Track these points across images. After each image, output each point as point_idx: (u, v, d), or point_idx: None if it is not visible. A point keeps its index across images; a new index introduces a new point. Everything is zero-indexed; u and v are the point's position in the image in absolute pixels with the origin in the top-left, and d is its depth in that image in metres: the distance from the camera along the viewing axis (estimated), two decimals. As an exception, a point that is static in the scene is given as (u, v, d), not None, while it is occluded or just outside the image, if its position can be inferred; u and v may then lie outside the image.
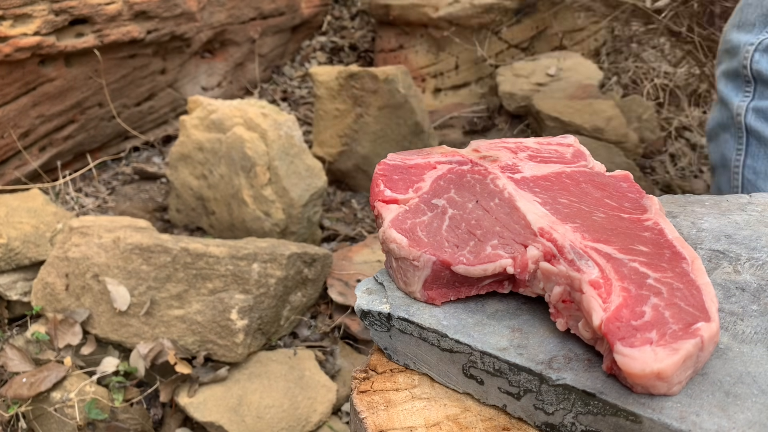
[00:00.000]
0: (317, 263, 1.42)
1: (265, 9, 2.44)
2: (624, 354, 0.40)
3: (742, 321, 0.48)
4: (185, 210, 1.74)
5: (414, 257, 0.51)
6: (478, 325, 0.50)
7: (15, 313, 1.43)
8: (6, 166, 1.72)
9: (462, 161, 0.61)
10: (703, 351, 0.41)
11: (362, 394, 0.50)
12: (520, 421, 0.47)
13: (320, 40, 2.83)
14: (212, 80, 2.32)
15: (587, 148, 0.64)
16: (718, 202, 0.65)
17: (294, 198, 1.56)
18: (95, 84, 1.84)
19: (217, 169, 1.63)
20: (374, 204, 0.57)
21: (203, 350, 1.28)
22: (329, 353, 1.40)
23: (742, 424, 0.40)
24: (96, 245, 1.35)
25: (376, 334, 0.54)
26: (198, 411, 1.22)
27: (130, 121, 2.03)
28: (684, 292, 0.44)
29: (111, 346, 1.34)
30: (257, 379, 1.28)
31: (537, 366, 0.45)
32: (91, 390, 1.25)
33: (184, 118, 1.69)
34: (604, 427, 0.43)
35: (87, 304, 1.33)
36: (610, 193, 0.56)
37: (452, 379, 0.50)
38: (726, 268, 0.54)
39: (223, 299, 1.28)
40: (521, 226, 0.52)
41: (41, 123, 1.75)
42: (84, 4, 1.69)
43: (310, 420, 1.24)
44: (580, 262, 0.46)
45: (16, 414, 1.22)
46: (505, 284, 0.52)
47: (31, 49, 1.58)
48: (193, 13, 2.04)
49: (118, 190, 1.92)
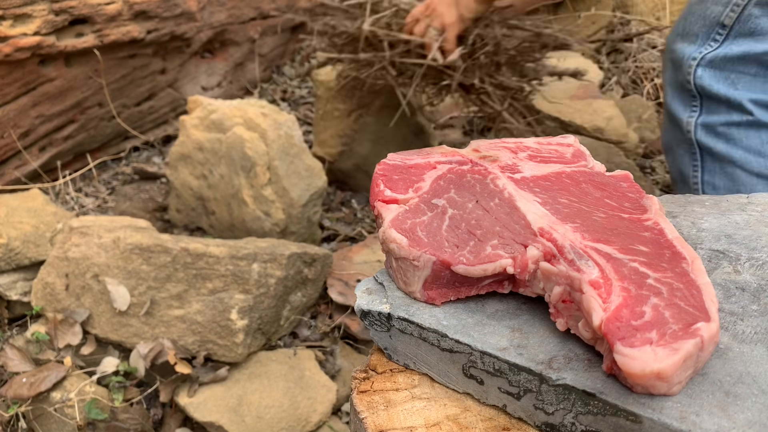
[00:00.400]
0: (317, 263, 1.42)
1: (265, 9, 2.44)
2: (624, 354, 0.40)
3: (742, 321, 0.48)
4: (185, 210, 1.74)
5: (414, 257, 0.51)
6: (478, 325, 0.50)
7: (15, 313, 1.43)
8: (6, 166, 1.72)
9: (462, 161, 0.61)
10: (703, 351, 0.41)
11: (362, 394, 0.50)
12: (520, 421, 0.47)
13: (320, 40, 2.83)
14: (212, 80, 2.32)
15: (587, 148, 0.64)
16: (718, 202, 0.65)
17: (294, 198, 1.56)
18: (95, 84, 1.84)
19: (217, 169, 1.63)
20: (374, 204, 0.57)
21: (203, 350, 1.28)
22: (329, 353, 1.40)
23: (742, 424, 0.40)
24: (96, 245, 1.35)
25: (376, 334, 0.54)
26: (198, 411, 1.22)
27: (130, 121, 2.03)
28: (684, 292, 0.44)
29: (111, 346, 1.34)
30: (257, 379, 1.28)
31: (537, 366, 0.45)
32: (91, 390, 1.25)
33: (184, 118, 1.69)
34: (604, 427, 0.43)
35: (87, 304, 1.33)
36: (610, 193, 0.56)
37: (452, 379, 0.50)
38: (726, 268, 0.54)
39: (223, 299, 1.28)
40: (521, 226, 0.52)
41: (41, 123, 1.75)
42: (84, 4, 1.69)
43: (310, 420, 1.24)
44: (580, 262, 0.46)
45: (16, 414, 1.22)
46: (505, 284, 0.52)
47: (31, 49, 1.58)
48: (193, 13, 2.04)
49: (118, 190, 1.92)
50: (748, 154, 1.02)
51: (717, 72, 1.01)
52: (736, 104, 1.01)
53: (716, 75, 1.01)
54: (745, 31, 0.98)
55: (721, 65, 1.01)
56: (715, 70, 1.01)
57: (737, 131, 1.02)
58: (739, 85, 1.01)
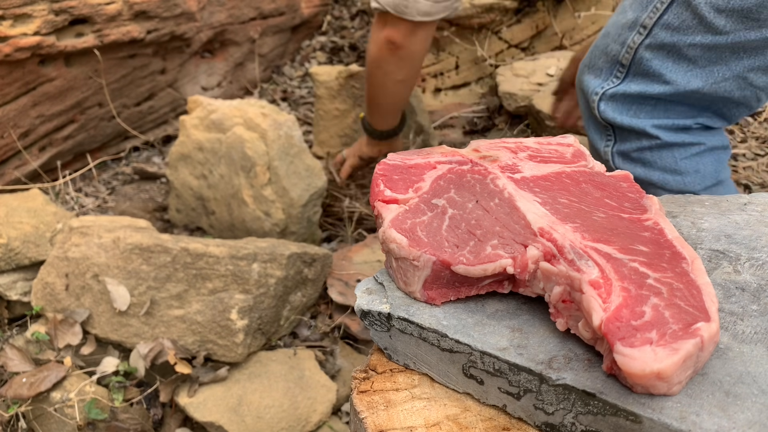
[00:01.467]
0: (317, 263, 1.42)
1: (265, 9, 2.44)
2: (624, 354, 0.40)
3: (742, 321, 0.48)
4: (185, 210, 1.74)
5: (414, 257, 0.51)
6: (478, 325, 0.50)
7: (15, 313, 1.43)
8: (6, 166, 1.72)
9: (462, 161, 0.61)
10: (703, 351, 0.41)
11: (362, 394, 0.50)
12: (520, 421, 0.47)
13: (320, 40, 2.83)
14: (212, 80, 2.32)
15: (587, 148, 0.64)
16: (717, 202, 0.65)
17: (294, 198, 1.56)
18: (95, 84, 1.84)
19: (217, 169, 1.63)
20: (374, 204, 0.57)
21: (203, 350, 1.28)
22: (329, 353, 1.40)
23: (742, 424, 0.40)
24: (96, 245, 1.35)
25: (376, 334, 0.54)
26: (198, 411, 1.22)
27: (130, 121, 2.03)
28: (684, 292, 0.44)
29: (111, 346, 1.34)
30: (257, 379, 1.28)
31: (537, 366, 0.45)
32: (91, 390, 1.25)
33: (184, 118, 1.69)
34: (604, 427, 0.43)
35: (87, 304, 1.33)
36: (610, 193, 0.56)
37: (452, 379, 0.50)
38: (726, 268, 0.54)
39: (223, 299, 1.28)
40: (521, 226, 0.52)
41: (41, 123, 1.75)
42: (84, 4, 1.69)
43: (310, 420, 1.24)
44: (580, 262, 0.46)
45: (16, 414, 1.22)
46: (505, 284, 0.52)
47: (31, 49, 1.58)
48: (193, 13, 2.04)
49: (118, 190, 1.92)
50: (665, 174, 1.06)
51: (619, 105, 1.05)
52: (641, 132, 1.04)
53: (618, 107, 1.05)
54: (641, 71, 1.02)
55: (621, 100, 1.04)
56: (616, 104, 1.05)
57: (650, 154, 1.06)
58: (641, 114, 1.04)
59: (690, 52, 0.96)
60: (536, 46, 2.51)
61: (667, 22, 0.96)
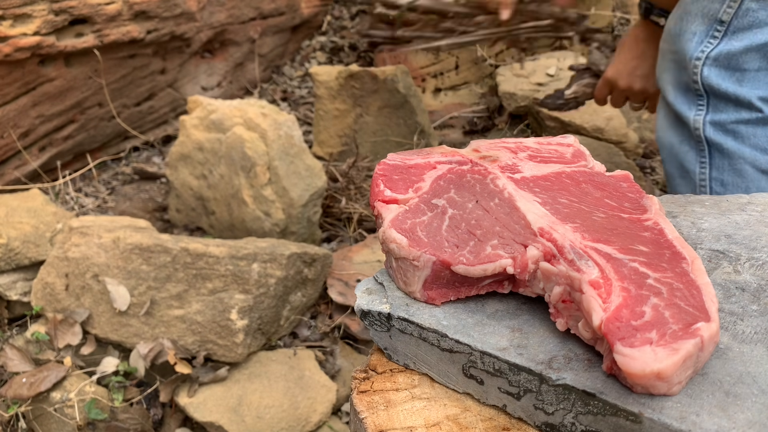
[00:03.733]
0: (317, 263, 1.42)
1: (265, 9, 2.44)
2: (624, 354, 0.40)
3: (742, 321, 0.48)
4: (185, 210, 1.74)
5: (414, 257, 0.51)
6: (478, 325, 0.50)
7: (15, 313, 1.43)
8: (6, 166, 1.72)
9: (462, 161, 0.61)
10: (703, 351, 0.41)
11: (362, 394, 0.50)
12: (520, 421, 0.47)
13: (320, 40, 2.83)
14: (212, 80, 2.32)
15: (587, 148, 0.64)
16: (718, 202, 0.65)
17: (294, 198, 1.56)
18: (95, 84, 1.84)
19: (217, 169, 1.63)
20: (374, 204, 0.57)
21: (203, 350, 1.28)
22: (329, 353, 1.40)
23: (742, 424, 0.40)
24: (96, 245, 1.35)
25: (376, 334, 0.54)
26: (198, 411, 1.22)
27: (130, 121, 2.03)
28: (684, 292, 0.44)
29: (111, 346, 1.34)
30: (257, 379, 1.28)
31: (537, 366, 0.45)
32: (91, 390, 1.25)
33: (184, 118, 1.69)
34: (604, 427, 0.43)
35: (87, 304, 1.33)
36: (610, 193, 0.56)
37: (452, 379, 0.50)
38: (726, 268, 0.54)
39: (223, 299, 1.28)
40: (521, 226, 0.52)
41: (41, 123, 1.75)
42: (84, 4, 1.69)
43: (310, 420, 1.24)
44: (580, 262, 0.46)
45: (16, 414, 1.22)
46: (505, 284, 0.52)
47: (31, 49, 1.58)
48: (193, 13, 2.04)
49: (118, 190, 1.92)
50: (756, 152, 1.03)
51: (722, 70, 1.02)
52: (745, 102, 1.02)
53: (722, 73, 1.02)
54: (744, 25, 0.99)
55: (725, 62, 1.02)
56: (720, 69, 1.02)
57: (746, 128, 1.03)
58: (744, 82, 1.01)
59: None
60: (536, 47, 2.51)
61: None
